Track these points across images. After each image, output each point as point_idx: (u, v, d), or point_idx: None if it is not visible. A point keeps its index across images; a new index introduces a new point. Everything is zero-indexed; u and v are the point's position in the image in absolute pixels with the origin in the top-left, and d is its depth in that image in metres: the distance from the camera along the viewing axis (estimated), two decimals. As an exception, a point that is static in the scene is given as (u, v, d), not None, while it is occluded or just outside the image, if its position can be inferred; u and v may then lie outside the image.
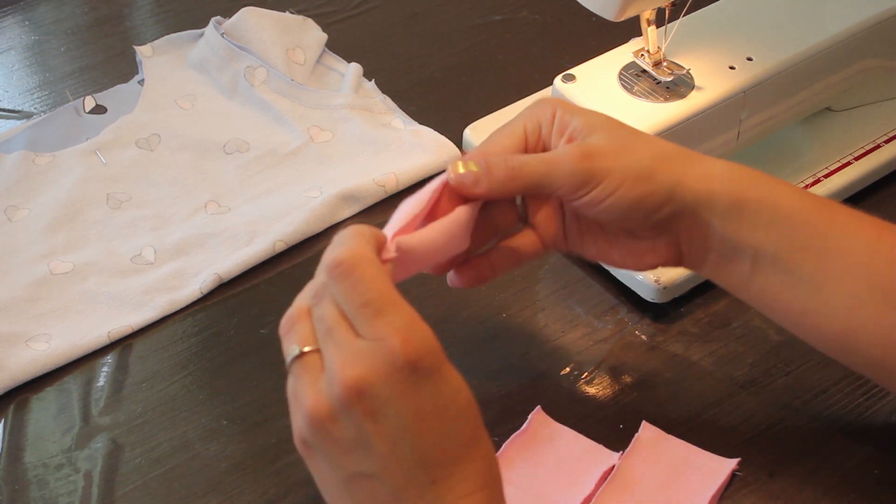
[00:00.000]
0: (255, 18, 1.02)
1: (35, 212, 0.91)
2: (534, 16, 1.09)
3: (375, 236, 0.57)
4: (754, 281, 0.66)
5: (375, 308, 0.53)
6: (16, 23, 1.11)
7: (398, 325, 0.53)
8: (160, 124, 0.97)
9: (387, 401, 0.53)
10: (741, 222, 0.64)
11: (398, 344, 0.52)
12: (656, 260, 0.67)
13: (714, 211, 0.64)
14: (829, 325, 0.65)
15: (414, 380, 0.53)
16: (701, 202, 0.64)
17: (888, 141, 0.90)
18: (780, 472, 0.71)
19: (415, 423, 0.53)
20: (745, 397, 0.75)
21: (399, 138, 0.95)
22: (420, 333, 0.53)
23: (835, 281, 0.64)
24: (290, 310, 0.58)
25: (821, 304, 0.65)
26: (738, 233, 0.65)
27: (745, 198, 0.65)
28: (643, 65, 0.82)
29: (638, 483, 0.70)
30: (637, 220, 0.65)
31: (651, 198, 0.64)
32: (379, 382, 0.52)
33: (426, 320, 0.56)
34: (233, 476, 0.73)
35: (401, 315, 0.53)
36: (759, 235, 0.64)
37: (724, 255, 0.66)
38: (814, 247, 0.64)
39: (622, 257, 0.68)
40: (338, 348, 0.54)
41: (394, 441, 0.53)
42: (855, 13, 0.86)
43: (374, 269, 0.54)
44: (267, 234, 0.87)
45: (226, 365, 0.80)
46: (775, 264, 0.64)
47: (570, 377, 0.77)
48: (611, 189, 0.63)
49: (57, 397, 0.79)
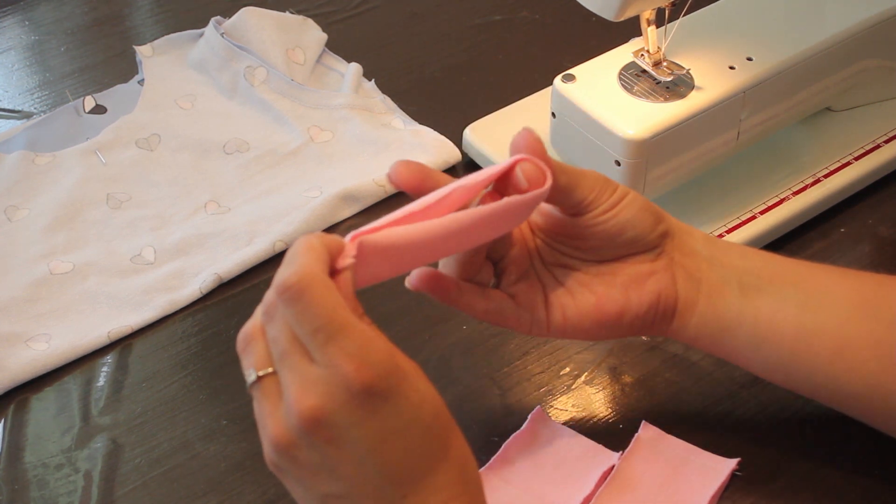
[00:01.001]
0: (255, 18, 1.02)
1: (35, 212, 0.91)
2: (534, 16, 1.09)
3: (328, 247, 0.55)
4: (746, 307, 0.67)
5: (326, 334, 0.52)
6: (16, 23, 1.11)
7: (350, 351, 0.52)
8: (160, 124, 0.97)
9: (346, 427, 0.53)
10: (719, 249, 0.69)
11: (351, 371, 0.51)
12: (657, 286, 0.67)
13: (694, 237, 0.69)
14: (823, 343, 0.66)
15: (371, 403, 0.52)
16: (682, 228, 0.69)
17: (888, 141, 0.90)
18: (780, 472, 0.71)
19: (377, 445, 0.53)
20: (745, 397, 0.75)
21: (399, 138, 0.95)
22: (374, 357, 0.52)
23: (818, 298, 0.67)
24: (246, 325, 0.57)
25: (810, 322, 0.66)
26: (720, 255, 0.68)
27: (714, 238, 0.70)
28: (643, 65, 0.82)
29: (638, 483, 0.70)
30: (647, 225, 0.67)
31: (653, 208, 0.67)
32: (336, 410, 0.52)
33: (424, 322, 0.56)
34: (233, 476, 0.73)
35: (352, 339, 0.52)
36: (738, 261, 0.68)
37: (713, 280, 0.68)
38: (789, 272, 0.68)
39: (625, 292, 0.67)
40: (293, 375, 0.53)
41: (359, 463, 0.53)
42: (855, 13, 0.86)
43: (323, 292, 0.52)
44: (267, 234, 0.87)
45: (226, 365, 0.80)
46: (760, 284, 0.67)
47: (570, 377, 0.77)
48: (624, 193, 0.66)
49: (57, 397, 0.79)
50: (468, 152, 0.93)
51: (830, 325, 0.66)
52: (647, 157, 0.79)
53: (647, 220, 0.67)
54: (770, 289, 0.67)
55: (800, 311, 0.67)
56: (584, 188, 0.65)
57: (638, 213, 0.66)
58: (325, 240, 0.55)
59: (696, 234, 0.69)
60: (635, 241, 0.67)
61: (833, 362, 0.66)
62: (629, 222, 0.66)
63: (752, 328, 0.67)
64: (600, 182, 0.66)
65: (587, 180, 0.65)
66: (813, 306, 0.67)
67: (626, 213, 0.66)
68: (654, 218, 0.67)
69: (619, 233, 0.66)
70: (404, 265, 0.61)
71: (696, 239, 0.69)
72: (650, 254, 0.67)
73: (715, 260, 0.68)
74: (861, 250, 0.86)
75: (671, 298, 0.68)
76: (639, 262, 0.67)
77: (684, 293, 0.68)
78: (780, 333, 0.67)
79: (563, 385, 0.77)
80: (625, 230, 0.66)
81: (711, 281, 0.68)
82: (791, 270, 0.69)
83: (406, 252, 0.58)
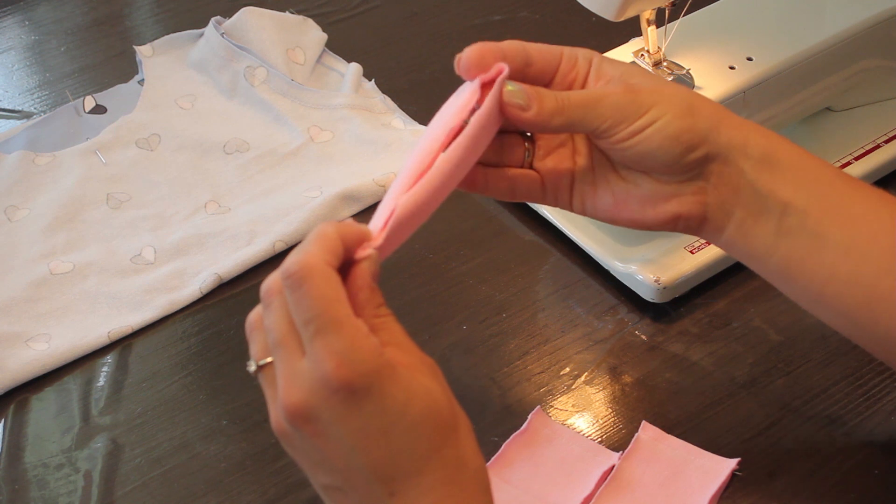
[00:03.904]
0: (255, 18, 1.02)
1: (35, 212, 0.91)
2: (534, 16, 1.09)
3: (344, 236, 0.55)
4: (779, 245, 0.64)
5: (317, 326, 0.52)
6: (16, 23, 1.11)
7: (336, 348, 0.52)
8: (160, 124, 0.97)
9: (330, 422, 0.53)
10: (773, 173, 0.63)
11: (332, 368, 0.52)
12: (679, 208, 0.64)
13: (748, 157, 0.63)
14: (854, 293, 0.63)
15: (353, 401, 0.52)
16: (735, 147, 0.63)
17: (888, 141, 0.90)
18: (780, 472, 0.71)
19: (361, 442, 0.53)
20: (745, 397, 0.75)
21: (399, 138, 0.95)
22: (356, 355, 0.52)
23: (863, 246, 0.63)
24: (251, 313, 0.58)
25: (847, 271, 0.63)
26: (770, 183, 0.63)
27: (778, 152, 0.64)
28: (643, 65, 0.82)
29: (638, 483, 0.70)
30: (672, 157, 0.63)
31: (690, 133, 0.63)
32: (319, 406, 0.53)
33: (425, 322, 0.56)
34: (233, 476, 0.73)
35: (340, 337, 0.52)
36: (789, 190, 0.64)
37: (751, 211, 0.64)
38: (843, 210, 0.64)
39: (641, 206, 0.65)
40: (282, 368, 0.54)
41: (347, 458, 0.54)
42: (855, 13, 0.86)
43: (321, 284, 0.53)
44: (267, 234, 0.87)
45: (226, 365, 0.80)
46: (804, 224, 0.63)
47: (570, 377, 0.77)
48: (654, 118, 0.62)
49: (57, 397, 0.79)
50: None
51: (866, 276, 0.63)
52: (647, 157, 0.79)
53: (674, 150, 0.62)
54: (814, 228, 0.63)
55: (838, 255, 0.63)
56: (593, 120, 0.62)
57: (664, 143, 0.62)
58: (343, 229, 0.55)
59: (751, 153, 0.63)
60: (659, 167, 0.63)
61: (859, 311, 0.64)
62: (650, 153, 0.62)
63: (782, 263, 0.64)
64: (620, 109, 0.61)
65: (598, 110, 0.62)
66: (854, 255, 0.63)
67: (648, 143, 0.62)
68: (685, 147, 0.62)
69: (638, 160, 0.63)
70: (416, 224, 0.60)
71: (749, 159, 0.63)
72: (680, 176, 0.64)
73: (762, 187, 0.63)
74: (861, 250, 0.86)
75: (694, 220, 0.65)
76: (665, 182, 0.64)
77: (714, 215, 0.65)
78: (809, 275, 0.64)
79: (563, 385, 0.77)
80: (644, 159, 0.63)
81: (749, 208, 0.64)
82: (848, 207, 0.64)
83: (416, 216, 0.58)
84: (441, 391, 0.55)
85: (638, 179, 0.65)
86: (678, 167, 0.63)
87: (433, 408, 0.54)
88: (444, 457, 0.54)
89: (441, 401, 0.54)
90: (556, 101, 0.61)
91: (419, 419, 0.53)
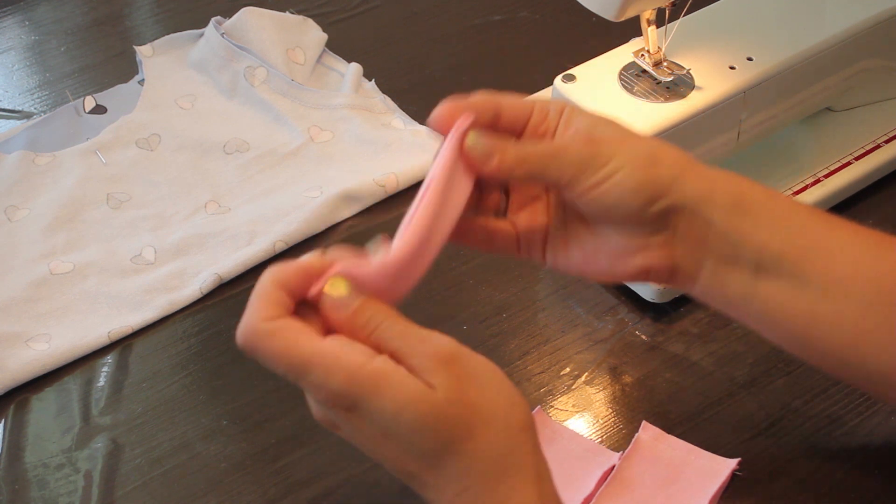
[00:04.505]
0: (255, 18, 1.02)
1: (35, 212, 0.91)
2: (534, 16, 1.09)
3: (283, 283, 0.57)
4: (758, 291, 0.63)
5: (293, 375, 0.55)
6: (16, 23, 1.11)
7: (314, 381, 0.55)
8: (160, 124, 0.97)
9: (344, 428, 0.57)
10: (744, 219, 0.63)
11: (321, 398, 0.56)
12: (646, 261, 0.64)
13: (715, 206, 0.63)
14: (839, 333, 0.63)
15: (349, 413, 0.55)
16: (702, 197, 0.63)
17: (888, 141, 0.90)
18: (780, 472, 0.71)
19: (371, 444, 0.56)
20: (745, 397, 0.75)
21: (399, 138, 0.95)
22: (333, 382, 0.54)
23: (844, 283, 0.63)
24: None
25: (830, 311, 0.63)
26: (742, 230, 0.63)
27: (747, 197, 0.64)
28: (643, 65, 0.82)
29: (638, 483, 0.70)
30: (633, 209, 0.62)
31: (653, 185, 0.62)
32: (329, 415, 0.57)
33: (424, 322, 0.56)
34: (233, 476, 0.73)
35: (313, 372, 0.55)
36: (763, 235, 0.63)
37: (724, 260, 0.63)
38: (820, 247, 0.63)
39: (609, 260, 0.65)
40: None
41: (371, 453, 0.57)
42: (855, 13, 0.86)
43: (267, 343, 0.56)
44: (267, 234, 0.87)
45: (226, 365, 0.80)
46: (781, 267, 0.63)
47: (571, 377, 0.78)
48: (614, 169, 0.61)
49: (57, 397, 0.79)
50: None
51: (849, 315, 0.63)
52: (648, 157, 0.79)
53: (635, 202, 0.61)
54: (791, 270, 0.62)
55: (819, 297, 0.62)
56: (553, 172, 0.61)
57: (624, 195, 0.61)
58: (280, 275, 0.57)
59: (720, 201, 0.63)
60: (621, 221, 0.63)
61: (846, 351, 0.63)
62: (612, 205, 0.62)
63: (762, 309, 0.64)
64: (580, 161, 0.61)
65: (559, 162, 0.61)
66: (835, 293, 0.63)
67: (609, 196, 0.61)
68: (647, 200, 0.62)
69: (599, 213, 0.63)
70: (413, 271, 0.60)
71: (718, 208, 0.63)
72: (646, 228, 0.63)
73: (733, 234, 0.63)
74: (861, 250, 0.86)
75: (664, 272, 0.64)
76: (631, 235, 0.63)
77: (684, 265, 0.64)
78: (792, 318, 0.63)
79: (563, 385, 0.77)
80: (608, 212, 0.62)
81: (721, 257, 0.63)
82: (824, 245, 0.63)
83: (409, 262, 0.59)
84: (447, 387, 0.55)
85: (607, 233, 0.64)
86: (642, 219, 0.63)
87: (428, 410, 0.54)
88: (462, 450, 0.55)
89: (438, 399, 0.54)
90: (518, 152, 0.61)
91: (418, 420, 0.54)
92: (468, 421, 0.55)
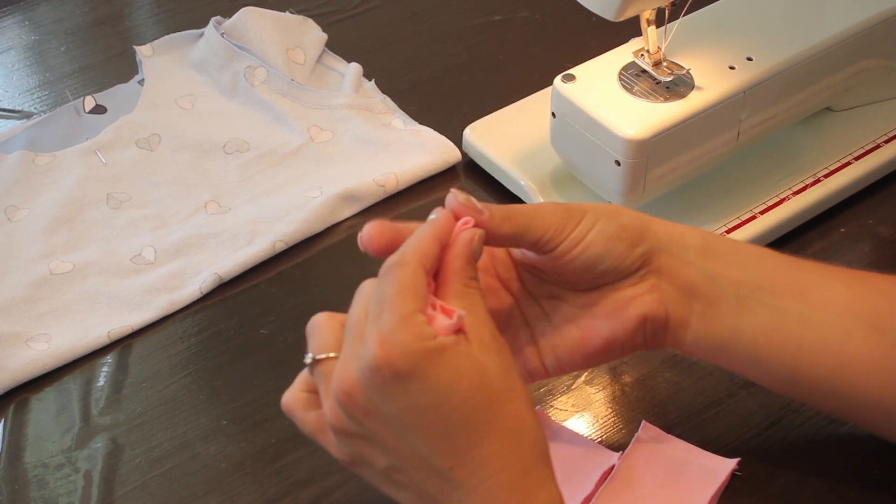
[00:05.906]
0: (255, 18, 1.02)
1: (35, 212, 0.91)
2: (534, 16, 1.09)
3: (440, 238, 0.59)
4: (744, 326, 0.65)
5: (381, 308, 0.55)
6: (16, 23, 1.11)
7: (383, 329, 0.55)
8: (160, 124, 0.97)
9: (380, 401, 0.56)
10: (716, 259, 0.66)
11: (375, 349, 0.55)
12: (641, 309, 0.65)
13: (689, 248, 0.66)
14: (825, 360, 0.65)
15: (399, 380, 0.55)
16: (674, 240, 0.66)
17: (888, 141, 0.90)
18: (780, 472, 0.71)
19: (414, 419, 0.55)
20: (745, 397, 0.75)
21: (399, 138, 0.95)
22: (398, 337, 0.54)
23: (821, 312, 0.65)
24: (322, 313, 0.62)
25: (814, 338, 0.65)
26: (716, 267, 0.66)
27: (713, 242, 0.67)
28: (643, 65, 0.82)
29: (638, 483, 0.70)
30: (619, 255, 0.64)
31: (630, 230, 0.65)
32: (366, 385, 0.55)
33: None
34: (233, 476, 0.73)
35: (391, 317, 0.55)
36: (737, 271, 0.66)
37: (708, 299, 0.65)
38: (791, 281, 0.66)
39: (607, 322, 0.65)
40: (345, 352, 0.57)
41: (399, 436, 0.56)
42: (855, 13, 0.86)
43: (410, 274, 0.56)
44: (267, 234, 0.87)
45: (226, 365, 0.80)
46: (762, 299, 0.65)
47: (570, 377, 0.77)
48: (591, 223, 0.64)
49: (57, 397, 0.79)
50: (468, 152, 0.93)
51: (832, 341, 0.65)
52: (647, 157, 0.79)
53: (618, 249, 0.64)
54: (770, 302, 0.65)
55: (801, 326, 0.65)
56: (537, 228, 0.63)
57: (608, 244, 0.64)
58: (424, 259, 0.58)
59: (690, 243, 0.66)
60: (610, 271, 0.65)
61: (834, 379, 0.65)
62: (598, 256, 0.64)
63: (751, 344, 0.66)
64: (559, 217, 0.63)
65: (541, 219, 0.63)
66: (815, 321, 0.65)
67: (593, 248, 0.64)
68: (629, 244, 0.64)
69: (589, 267, 0.64)
70: None
71: (690, 250, 0.66)
72: (632, 278, 0.65)
73: (710, 272, 0.65)
74: (861, 250, 0.86)
75: (660, 318, 0.66)
76: (619, 288, 0.65)
77: (675, 311, 0.66)
78: (779, 350, 0.66)
79: (563, 385, 0.77)
80: (595, 264, 0.64)
81: (707, 295, 0.65)
82: (795, 279, 0.66)
83: None
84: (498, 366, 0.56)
85: (593, 298, 0.66)
86: (627, 265, 0.65)
87: (483, 382, 0.56)
88: (499, 428, 0.56)
89: (492, 376, 0.56)
90: (504, 210, 0.63)
91: (470, 394, 0.55)
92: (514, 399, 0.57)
